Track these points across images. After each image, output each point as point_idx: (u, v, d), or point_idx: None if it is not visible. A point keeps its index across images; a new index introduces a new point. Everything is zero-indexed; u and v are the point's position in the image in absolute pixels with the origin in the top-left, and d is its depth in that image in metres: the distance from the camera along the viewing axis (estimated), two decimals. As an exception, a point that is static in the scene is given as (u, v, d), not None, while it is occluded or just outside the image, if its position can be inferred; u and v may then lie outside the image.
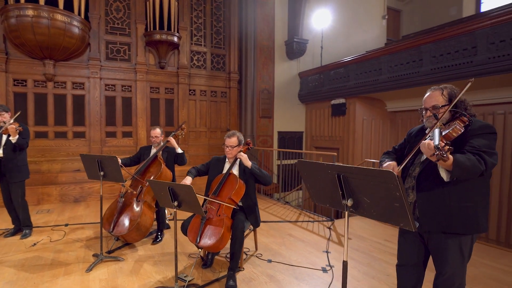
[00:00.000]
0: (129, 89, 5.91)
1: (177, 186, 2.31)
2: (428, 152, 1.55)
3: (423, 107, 1.91)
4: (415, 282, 2.13)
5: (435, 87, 1.91)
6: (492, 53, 4.87)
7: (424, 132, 2.00)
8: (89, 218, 4.39)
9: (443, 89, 1.85)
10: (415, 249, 2.04)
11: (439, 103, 1.81)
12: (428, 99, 1.87)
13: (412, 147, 2.05)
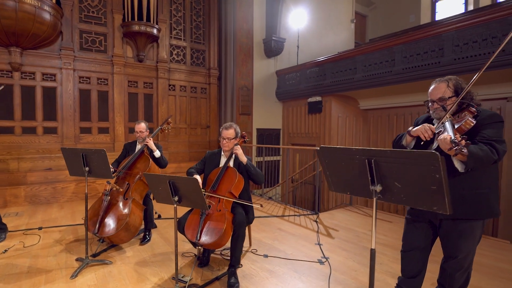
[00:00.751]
0: (106, 82, 5.43)
1: (179, 179, 2.08)
2: (445, 146, 1.52)
3: (429, 99, 1.89)
4: (421, 267, 2.14)
5: (440, 79, 1.89)
6: (457, 55, 5.12)
7: (431, 121, 1.98)
8: (65, 220, 3.93)
9: (448, 81, 1.83)
10: (423, 234, 2.04)
11: (445, 95, 1.80)
12: (434, 91, 1.85)
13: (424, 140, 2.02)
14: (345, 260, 3.04)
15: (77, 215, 4.11)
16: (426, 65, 5.52)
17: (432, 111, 1.88)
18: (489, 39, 4.78)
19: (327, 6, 9.71)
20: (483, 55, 4.80)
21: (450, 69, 5.18)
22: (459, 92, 1.80)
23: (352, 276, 2.69)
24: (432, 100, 1.86)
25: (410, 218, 2.11)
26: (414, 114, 6.95)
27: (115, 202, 3.03)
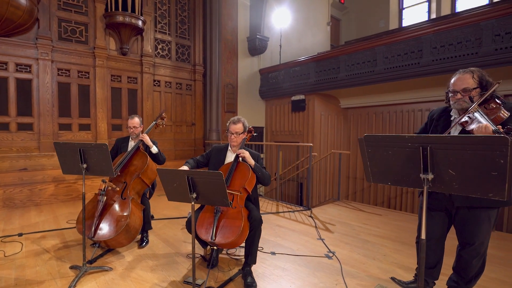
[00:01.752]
0: (87, 76, 4.94)
1: (200, 174, 1.87)
2: None
3: (450, 89, 1.86)
4: (439, 256, 2.13)
5: (463, 70, 1.87)
6: (435, 56, 5.32)
7: (449, 113, 1.96)
8: (47, 224, 3.48)
9: (473, 72, 1.82)
10: (440, 223, 2.03)
11: (470, 86, 1.78)
12: (458, 82, 1.82)
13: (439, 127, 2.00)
14: (350, 253, 2.98)
15: (60, 219, 3.68)
16: (406, 66, 5.67)
17: (453, 101, 1.85)
18: (464, 42, 5.00)
19: (306, 8, 9.77)
20: (459, 57, 5.02)
21: (429, 70, 5.38)
22: (483, 83, 1.79)
23: (362, 269, 2.63)
24: (455, 90, 1.83)
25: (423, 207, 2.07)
26: (391, 113, 7.17)
27: (112, 203, 2.71)
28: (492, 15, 4.69)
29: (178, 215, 4.12)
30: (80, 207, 4.19)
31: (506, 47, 4.57)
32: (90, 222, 2.61)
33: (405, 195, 6.94)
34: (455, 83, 1.84)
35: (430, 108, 6.54)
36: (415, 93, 6.51)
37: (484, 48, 4.78)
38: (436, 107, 6.21)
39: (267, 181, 2.51)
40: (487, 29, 4.77)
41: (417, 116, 6.72)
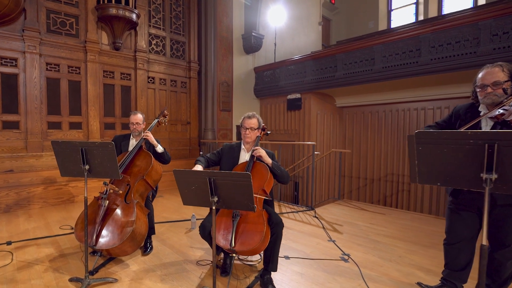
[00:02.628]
0: (78, 71, 4.59)
1: (222, 175, 1.67)
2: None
3: (479, 84, 1.77)
4: (470, 258, 2.02)
5: (491, 64, 1.79)
6: (433, 55, 5.31)
7: (476, 109, 1.86)
8: (39, 231, 3.16)
9: (502, 65, 1.75)
10: (471, 224, 1.94)
11: (500, 79, 1.70)
12: (488, 76, 1.74)
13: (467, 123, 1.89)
14: (365, 255, 2.86)
15: (52, 225, 3.36)
16: (404, 64, 5.64)
17: (483, 96, 1.76)
18: (462, 41, 5.00)
19: (299, 7, 9.66)
20: (457, 56, 5.02)
21: (428, 68, 5.35)
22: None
23: (381, 272, 2.51)
24: (484, 84, 1.75)
25: (455, 208, 1.99)
26: (387, 111, 7.16)
27: (114, 207, 2.46)
28: (490, 15, 4.69)
29: (179, 218, 3.88)
30: (73, 211, 3.88)
31: (504, 46, 4.59)
32: (91, 229, 2.35)
33: (401, 193, 6.94)
34: (484, 77, 1.75)
35: (425, 107, 6.57)
36: (411, 92, 6.50)
37: (482, 47, 4.79)
38: (431, 106, 6.20)
39: (286, 180, 2.33)
40: (484, 28, 4.78)
41: (413, 115, 6.73)
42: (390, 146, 7.08)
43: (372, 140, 7.38)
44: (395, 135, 7.00)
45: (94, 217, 2.40)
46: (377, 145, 7.31)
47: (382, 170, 7.22)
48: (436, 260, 2.74)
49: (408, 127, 6.79)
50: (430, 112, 6.46)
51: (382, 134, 7.20)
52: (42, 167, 4.13)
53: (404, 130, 6.86)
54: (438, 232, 3.65)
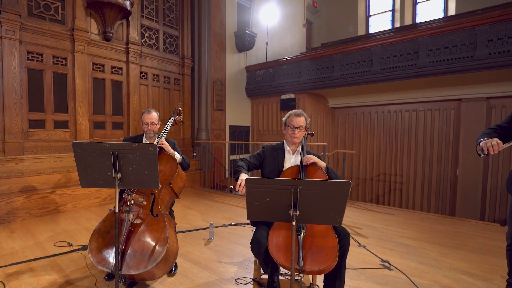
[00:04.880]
0: (64, 62, 3.97)
1: (308, 183, 1.38)
2: None
3: None
4: None
5: None
6: (431, 58, 5.39)
7: None
8: (29, 251, 2.58)
9: None
10: None
11: None
12: None
13: None
14: (403, 261, 2.71)
15: (44, 242, 2.80)
16: (402, 67, 5.68)
17: None
18: (459, 46, 5.11)
19: (286, 9, 9.52)
20: (455, 59, 5.13)
21: (425, 71, 5.43)
22: None
23: (431, 279, 2.36)
24: None
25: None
26: (379, 113, 7.22)
27: (140, 222, 2.04)
28: (486, 21, 4.83)
29: (189, 226, 3.48)
30: (63, 223, 3.32)
31: (499, 51, 4.74)
32: (111, 251, 1.92)
33: (393, 192, 7.03)
34: None
35: (417, 109, 6.70)
36: (403, 94, 6.61)
37: (478, 52, 4.93)
38: (423, 108, 6.30)
39: None
40: (481, 34, 4.91)
41: (405, 116, 6.84)
42: (382, 147, 7.15)
43: (364, 140, 7.42)
44: (387, 136, 7.08)
45: (113, 235, 1.97)
46: (369, 145, 7.36)
47: (374, 170, 7.28)
48: (472, 263, 2.68)
49: (400, 128, 6.89)
50: (422, 113, 6.61)
51: (374, 134, 7.26)
52: (23, 173, 3.49)
53: (396, 131, 6.96)
54: (453, 231, 3.65)
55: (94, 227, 2.05)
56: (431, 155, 6.46)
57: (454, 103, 6.18)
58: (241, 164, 2.06)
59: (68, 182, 3.84)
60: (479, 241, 3.33)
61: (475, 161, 5.83)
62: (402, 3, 10.81)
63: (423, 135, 6.59)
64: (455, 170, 6.18)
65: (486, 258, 2.83)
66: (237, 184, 1.80)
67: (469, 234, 3.58)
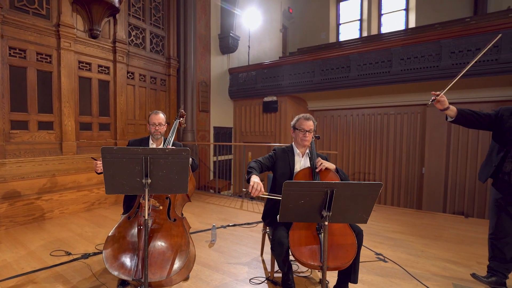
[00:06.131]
0: (49, 60, 3.64)
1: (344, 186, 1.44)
2: None
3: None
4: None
5: None
6: (403, 66, 5.78)
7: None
8: (24, 262, 2.35)
9: None
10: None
11: None
12: None
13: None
14: (394, 253, 2.90)
15: (39, 252, 2.57)
16: (377, 73, 6.01)
17: None
18: (426, 56, 5.53)
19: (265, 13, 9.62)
20: (423, 68, 5.54)
21: (398, 78, 5.80)
22: None
23: (422, 268, 2.56)
24: None
25: (502, 205, 2.09)
26: (354, 116, 7.57)
27: (158, 228, 1.96)
28: (450, 35, 5.27)
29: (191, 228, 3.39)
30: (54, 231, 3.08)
31: (460, 63, 5.21)
32: (130, 257, 1.83)
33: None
34: None
35: (388, 113, 7.13)
36: (376, 98, 7.00)
37: (443, 62, 5.37)
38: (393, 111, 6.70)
39: None
40: (445, 46, 5.36)
41: (377, 119, 7.24)
42: (357, 147, 7.51)
43: (341, 141, 7.73)
44: (361, 138, 7.45)
45: (130, 241, 1.88)
46: (345, 146, 7.68)
47: (350, 169, 7.61)
48: (451, 252, 2.92)
49: (373, 130, 7.29)
50: (392, 117, 7.04)
51: (350, 136, 7.60)
52: (5, 178, 3.16)
53: (369, 133, 7.34)
54: (429, 224, 3.95)
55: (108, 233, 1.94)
56: (401, 155, 6.91)
57: (421, 107, 6.67)
58: (253, 166, 2.08)
59: (54, 186, 3.55)
60: (452, 232, 3.64)
61: (438, 160, 6.36)
62: (369, 14, 11.38)
63: (394, 137, 7.03)
64: (421, 169, 6.67)
65: (462, 247, 3.11)
66: (249, 186, 1.81)
67: (442, 226, 3.90)
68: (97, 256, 2.51)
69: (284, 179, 2.15)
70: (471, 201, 6.06)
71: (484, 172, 2.12)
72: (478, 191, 5.99)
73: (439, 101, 2.03)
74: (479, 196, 5.99)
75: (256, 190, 1.76)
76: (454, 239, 3.36)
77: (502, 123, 2.06)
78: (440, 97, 2.01)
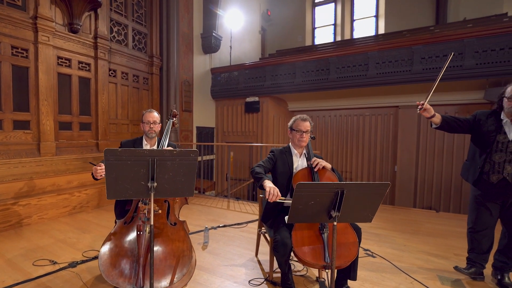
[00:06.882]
0: (25, 54, 3.30)
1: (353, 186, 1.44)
2: None
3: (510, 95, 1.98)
4: (492, 241, 2.29)
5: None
6: (379, 70, 6.00)
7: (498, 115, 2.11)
8: (5, 274, 2.10)
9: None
10: (495, 214, 2.21)
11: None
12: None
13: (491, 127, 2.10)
14: (380, 248, 2.99)
15: (19, 262, 2.32)
16: (355, 76, 6.20)
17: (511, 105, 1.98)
18: (399, 61, 5.80)
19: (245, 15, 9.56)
20: (396, 72, 5.80)
21: (374, 81, 6.02)
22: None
23: (408, 262, 2.65)
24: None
25: (481, 201, 2.20)
26: (332, 116, 7.76)
27: (158, 233, 1.85)
28: (420, 42, 5.56)
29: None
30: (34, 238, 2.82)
31: (430, 68, 5.51)
32: (130, 265, 1.71)
33: (344, 187, 7.62)
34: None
35: (363, 114, 7.38)
36: (353, 100, 7.22)
37: (415, 67, 5.65)
38: (368, 113, 6.96)
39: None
40: (416, 52, 5.64)
41: (353, 120, 7.47)
42: (335, 147, 7.70)
43: (319, 141, 7.89)
44: (339, 138, 7.65)
45: (128, 248, 1.76)
46: (323, 145, 7.85)
47: (328, 167, 7.78)
48: (431, 245, 3.06)
49: (350, 130, 7.51)
50: (368, 118, 7.30)
51: (328, 136, 7.77)
52: (-24, 182, 2.84)
53: (346, 133, 7.56)
54: (406, 220, 4.13)
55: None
56: (375, 154, 7.19)
57: (393, 109, 6.98)
58: (260, 171, 2.04)
59: (32, 190, 3.24)
60: (427, 226, 3.83)
61: (409, 158, 6.69)
62: (342, 19, 11.69)
63: (368, 137, 7.30)
64: (394, 167, 6.99)
65: (438, 240, 3.28)
66: (266, 192, 1.78)
67: (418, 221, 4.09)
68: (86, 264, 2.33)
69: (284, 179, 2.14)
70: (438, 196, 6.46)
71: (470, 173, 2.23)
72: (444, 187, 6.39)
73: (426, 109, 2.10)
74: (444, 191, 6.39)
75: (274, 195, 1.73)
76: (430, 232, 3.54)
77: (480, 127, 2.17)
78: (425, 106, 2.09)
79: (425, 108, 2.09)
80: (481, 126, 2.16)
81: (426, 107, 2.09)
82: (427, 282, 2.21)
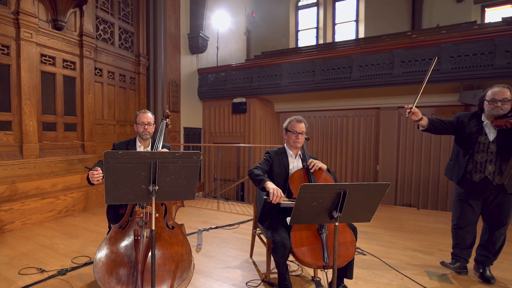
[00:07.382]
0: (6, 52, 3.06)
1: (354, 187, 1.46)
2: None
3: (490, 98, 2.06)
4: (475, 236, 2.39)
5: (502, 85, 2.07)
6: (362, 73, 6.15)
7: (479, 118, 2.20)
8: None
9: (509, 88, 2.06)
10: (477, 211, 2.31)
11: (508, 97, 2.01)
12: (500, 94, 2.03)
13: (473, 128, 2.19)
14: (370, 246, 3.05)
15: (5, 271, 2.15)
16: (340, 78, 6.31)
17: (491, 108, 2.05)
18: (381, 64, 5.96)
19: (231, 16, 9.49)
20: (378, 75, 5.96)
21: (357, 83, 6.16)
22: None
23: (396, 259, 2.71)
24: (495, 99, 2.02)
25: (464, 199, 2.28)
26: (317, 117, 7.86)
27: (155, 237, 1.78)
28: (400, 46, 5.74)
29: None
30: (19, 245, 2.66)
31: (410, 71, 5.69)
32: (128, 272, 1.64)
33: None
34: (496, 94, 2.03)
35: (347, 115, 7.53)
36: (337, 102, 7.34)
37: (395, 70, 5.82)
38: (352, 114, 7.12)
39: None
40: (397, 56, 5.82)
41: (337, 121, 7.61)
42: (319, 147, 7.81)
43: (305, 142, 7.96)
44: (324, 138, 7.77)
45: (126, 254, 1.68)
46: (308, 146, 7.94)
47: (313, 167, 7.88)
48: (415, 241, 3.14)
49: (334, 131, 7.64)
50: (351, 119, 7.46)
51: (313, 136, 7.87)
52: (-48, 187, 2.61)
53: (330, 134, 7.68)
54: (390, 217, 4.24)
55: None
56: (358, 154, 7.36)
57: (374, 110, 7.17)
58: (259, 172, 2.02)
59: (14, 194, 3.04)
60: (410, 223, 3.96)
61: (390, 158, 6.90)
62: (324, 23, 11.87)
63: (352, 137, 7.46)
64: (376, 166, 7.19)
65: (422, 236, 3.39)
66: (270, 193, 1.77)
67: (402, 218, 4.22)
68: (76, 271, 2.21)
69: (281, 180, 2.13)
70: (417, 194, 6.71)
71: (454, 173, 2.31)
72: (423, 184, 6.65)
73: (414, 112, 2.16)
74: (423, 189, 6.65)
75: (277, 197, 1.72)
76: (414, 229, 3.65)
77: (463, 128, 2.25)
78: (413, 109, 2.15)
79: (413, 111, 2.15)
80: (463, 127, 2.25)
81: (414, 111, 2.15)
82: (416, 278, 2.27)
